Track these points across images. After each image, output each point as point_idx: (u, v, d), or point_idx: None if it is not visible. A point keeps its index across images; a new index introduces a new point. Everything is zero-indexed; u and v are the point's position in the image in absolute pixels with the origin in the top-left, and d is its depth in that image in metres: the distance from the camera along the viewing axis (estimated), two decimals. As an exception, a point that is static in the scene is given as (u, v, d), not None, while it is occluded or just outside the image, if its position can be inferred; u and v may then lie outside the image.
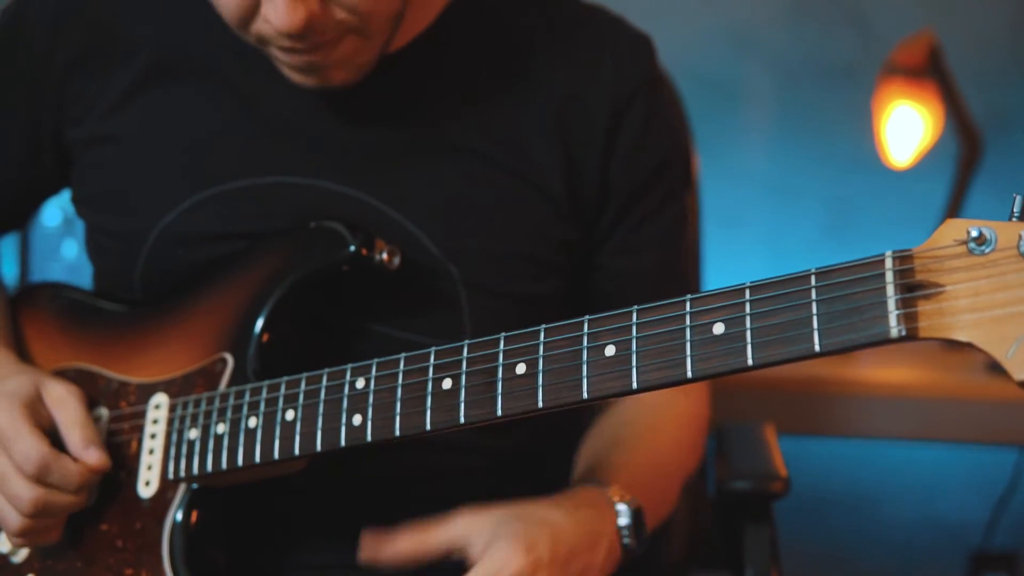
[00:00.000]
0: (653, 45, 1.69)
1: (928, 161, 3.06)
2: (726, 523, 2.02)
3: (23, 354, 1.71)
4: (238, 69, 1.63)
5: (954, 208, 2.97)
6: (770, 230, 3.42)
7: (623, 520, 1.47)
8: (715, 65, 3.34)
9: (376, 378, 1.39)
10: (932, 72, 2.95)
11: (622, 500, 1.48)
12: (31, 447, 1.49)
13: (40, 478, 1.49)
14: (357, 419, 1.39)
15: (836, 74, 3.34)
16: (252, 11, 1.47)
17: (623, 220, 1.65)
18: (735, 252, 3.16)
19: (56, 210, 3.00)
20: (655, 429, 1.67)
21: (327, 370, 1.43)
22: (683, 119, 1.78)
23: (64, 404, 1.55)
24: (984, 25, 3.29)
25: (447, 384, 1.34)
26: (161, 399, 1.57)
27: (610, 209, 1.64)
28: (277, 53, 1.52)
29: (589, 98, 1.62)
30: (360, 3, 1.46)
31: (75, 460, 1.52)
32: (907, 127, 3.01)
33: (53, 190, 1.79)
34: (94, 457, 1.53)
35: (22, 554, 1.61)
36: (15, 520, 1.51)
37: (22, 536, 1.54)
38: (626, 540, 1.47)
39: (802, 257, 3.38)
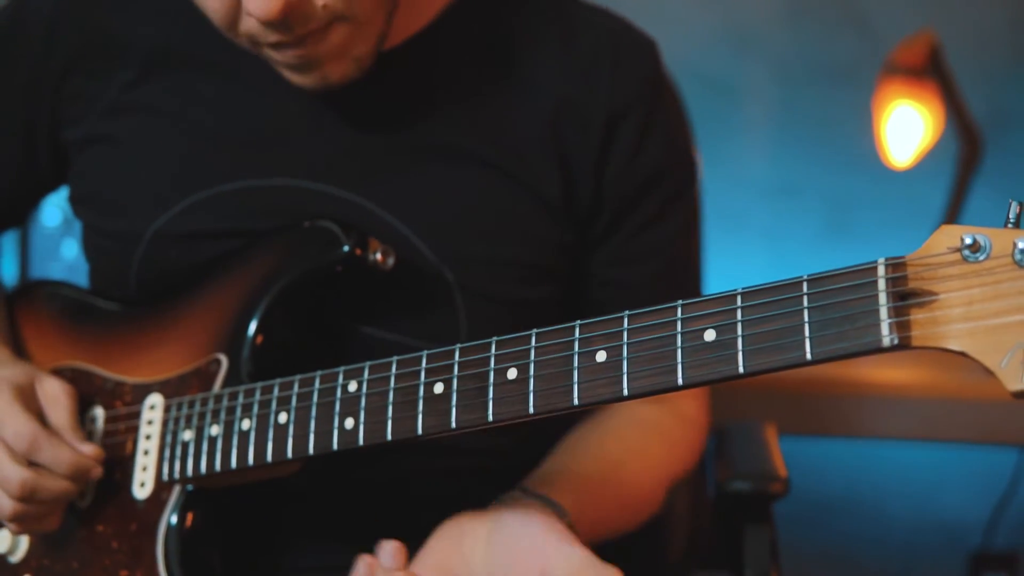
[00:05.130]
0: (656, 50, 1.67)
1: (928, 161, 3.06)
2: (726, 523, 2.02)
3: (20, 352, 1.71)
4: (232, 73, 1.62)
5: (954, 208, 2.97)
6: (770, 230, 3.42)
7: None
8: (715, 65, 3.34)
9: (368, 381, 1.38)
10: (932, 72, 2.95)
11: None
12: (23, 425, 1.50)
13: (30, 455, 1.50)
14: (349, 422, 1.39)
15: (836, 74, 3.34)
16: (235, 9, 1.45)
17: (616, 230, 1.64)
18: (735, 252, 3.16)
19: (56, 210, 3.00)
20: (622, 442, 1.64)
21: (319, 372, 1.42)
22: (686, 127, 1.75)
23: (56, 403, 1.55)
24: (984, 25, 3.29)
25: (439, 388, 1.34)
26: (156, 400, 1.57)
27: (603, 218, 1.63)
28: (271, 53, 1.49)
29: (586, 105, 1.61)
30: None
31: (69, 446, 1.52)
32: (907, 127, 3.01)
33: (49, 189, 1.80)
34: (89, 449, 1.54)
35: (19, 553, 1.61)
36: (6, 504, 1.52)
37: (16, 522, 1.54)
38: None
39: (802, 257, 3.38)
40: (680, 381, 1.20)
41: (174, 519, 1.52)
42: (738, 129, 3.39)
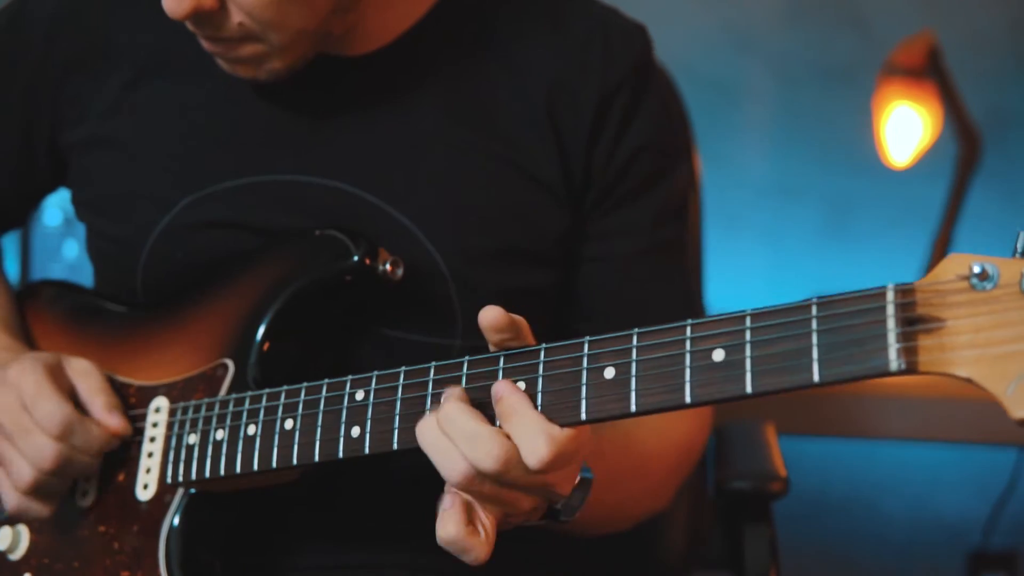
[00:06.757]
0: (647, 34, 1.68)
1: (927, 161, 3.06)
2: (726, 523, 2.02)
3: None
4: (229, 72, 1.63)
5: (953, 208, 2.97)
6: (770, 230, 3.42)
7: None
8: (715, 65, 3.35)
9: (376, 391, 1.38)
10: (932, 72, 2.96)
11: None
12: (56, 407, 1.50)
13: (63, 438, 1.50)
14: (355, 431, 1.39)
15: (836, 74, 3.35)
16: None
17: (601, 204, 1.64)
18: (735, 252, 3.17)
19: (56, 210, 2.99)
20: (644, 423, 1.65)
21: (327, 381, 1.42)
22: (678, 111, 1.76)
23: (87, 375, 1.55)
24: (984, 25, 3.30)
25: None
26: (161, 402, 1.57)
27: (590, 195, 1.63)
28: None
29: (578, 86, 1.62)
30: (257, 9, 1.46)
31: (97, 424, 1.53)
32: (907, 127, 3.02)
33: (47, 191, 1.80)
34: (116, 421, 1.53)
35: (19, 551, 1.61)
36: (27, 475, 1.51)
37: (26, 495, 1.53)
38: (558, 503, 1.34)
39: (802, 257, 3.38)
40: (688, 399, 1.20)
41: (176, 521, 1.52)
42: (738, 129, 3.40)
